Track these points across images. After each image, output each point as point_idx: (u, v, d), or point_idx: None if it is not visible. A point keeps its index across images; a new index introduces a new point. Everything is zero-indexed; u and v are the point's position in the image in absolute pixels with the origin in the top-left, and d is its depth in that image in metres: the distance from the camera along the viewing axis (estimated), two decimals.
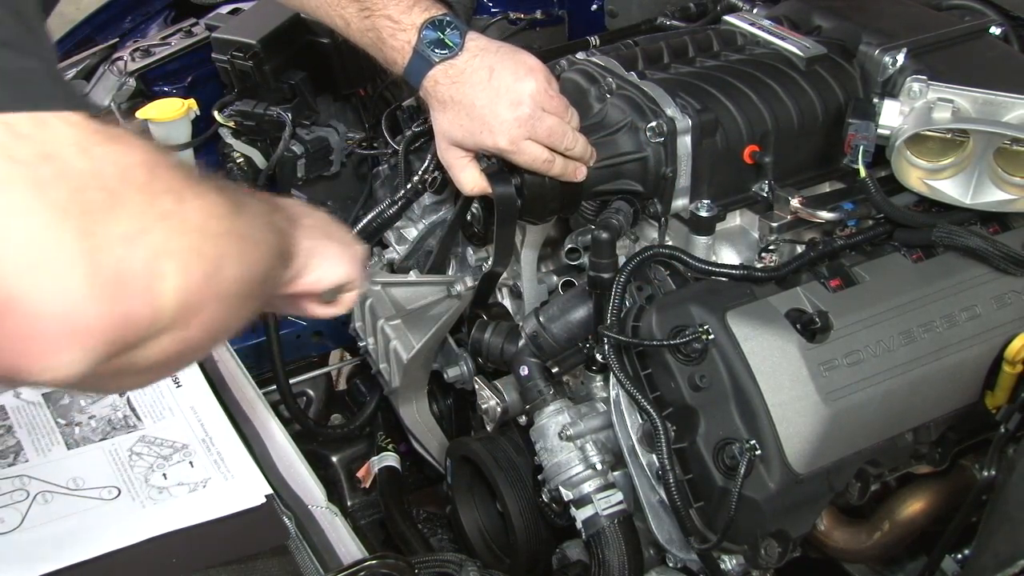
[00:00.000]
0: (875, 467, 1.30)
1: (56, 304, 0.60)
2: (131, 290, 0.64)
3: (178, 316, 0.69)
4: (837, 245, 1.32)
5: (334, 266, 1.04)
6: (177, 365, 0.77)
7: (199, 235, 0.71)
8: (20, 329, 0.60)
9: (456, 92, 1.29)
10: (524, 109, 1.27)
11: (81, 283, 0.61)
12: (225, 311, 0.75)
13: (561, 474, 1.40)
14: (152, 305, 0.66)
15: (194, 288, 0.70)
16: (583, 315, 1.43)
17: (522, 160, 1.29)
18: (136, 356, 0.69)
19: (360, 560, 1.08)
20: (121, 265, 0.63)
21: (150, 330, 0.68)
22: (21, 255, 0.59)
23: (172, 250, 0.68)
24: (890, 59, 1.45)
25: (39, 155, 0.61)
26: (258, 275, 0.81)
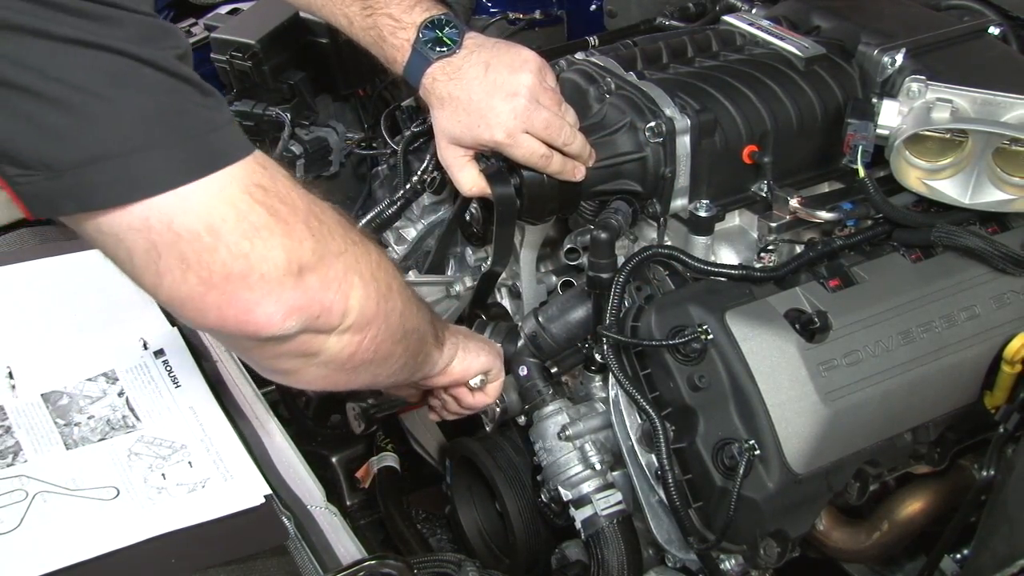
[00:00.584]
0: (874, 467, 1.30)
1: (289, 288, 0.91)
2: (332, 288, 0.95)
3: (356, 320, 0.99)
4: (836, 245, 1.32)
5: (479, 357, 1.32)
6: (345, 372, 1.05)
7: (376, 266, 1.01)
8: (261, 298, 0.89)
9: (453, 88, 1.30)
10: (520, 101, 1.28)
11: (308, 279, 0.92)
12: (390, 338, 1.06)
13: (560, 474, 1.40)
14: (341, 303, 0.96)
15: (370, 303, 1.00)
16: (582, 315, 1.43)
17: (519, 154, 1.29)
18: (322, 343, 0.98)
19: (359, 560, 1.08)
20: (330, 271, 0.94)
21: (339, 322, 0.97)
22: (280, 260, 0.89)
23: (360, 270, 0.98)
24: (889, 59, 1.45)
25: (277, 197, 0.90)
26: (413, 327, 1.12)
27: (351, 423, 1.65)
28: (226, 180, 0.86)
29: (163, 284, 0.87)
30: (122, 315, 1.43)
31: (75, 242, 1.63)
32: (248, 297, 0.88)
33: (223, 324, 0.90)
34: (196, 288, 0.87)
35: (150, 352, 1.38)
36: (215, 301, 0.88)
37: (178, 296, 0.88)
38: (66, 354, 1.36)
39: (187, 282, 0.87)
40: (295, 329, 0.93)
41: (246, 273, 0.88)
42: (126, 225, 0.85)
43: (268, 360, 1.02)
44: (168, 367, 1.35)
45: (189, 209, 0.84)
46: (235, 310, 0.89)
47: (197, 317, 0.91)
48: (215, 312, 0.89)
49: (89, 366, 1.35)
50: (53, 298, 1.47)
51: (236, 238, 0.87)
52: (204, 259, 0.86)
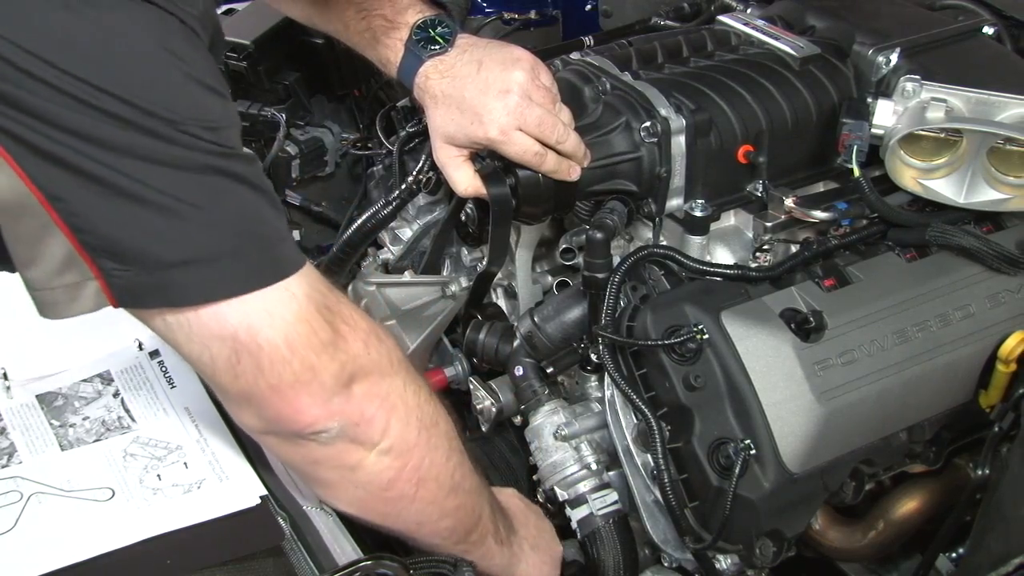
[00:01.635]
0: (869, 466, 1.30)
1: (337, 393, 1.01)
2: (374, 403, 1.04)
3: (395, 443, 1.06)
4: (831, 245, 1.32)
5: (540, 569, 1.32)
6: (384, 502, 1.11)
7: (425, 400, 1.10)
8: (314, 402, 0.99)
9: (446, 87, 1.30)
10: (513, 98, 1.28)
11: (354, 388, 1.02)
12: (435, 481, 1.12)
13: (556, 474, 1.40)
14: (382, 420, 1.04)
15: (410, 430, 1.07)
16: (578, 315, 1.43)
17: (513, 151, 1.29)
18: (361, 458, 1.05)
19: (355, 560, 1.08)
20: (375, 387, 1.04)
21: (375, 438, 1.04)
22: (335, 371, 1.00)
23: (405, 396, 1.07)
24: (884, 59, 1.46)
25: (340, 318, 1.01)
26: (470, 491, 1.18)
27: None
28: (303, 300, 0.97)
29: (237, 383, 0.98)
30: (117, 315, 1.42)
31: None
32: (304, 401, 0.99)
33: (276, 420, 1.01)
34: (264, 391, 0.98)
35: (145, 353, 1.37)
36: (277, 403, 0.99)
37: (246, 395, 1.00)
38: (61, 355, 1.36)
39: (258, 385, 0.98)
40: (335, 430, 1.02)
41: (309, 383, 0.98)
42: (216, 335, 0.95)
43: (310, 466, 1.08)
44: (163, 368, 1.35)
45: (275, 324, 0.96)
46: (290, 410, 0.99)
47: (255, 413, 1.02)
48: (272, 411, 1.00)
49: (84, 367, 1.35)
50: None
51: (307, 353, 0.97)
52: (277, 368, 0.97)
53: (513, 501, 1.36)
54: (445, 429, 1.14)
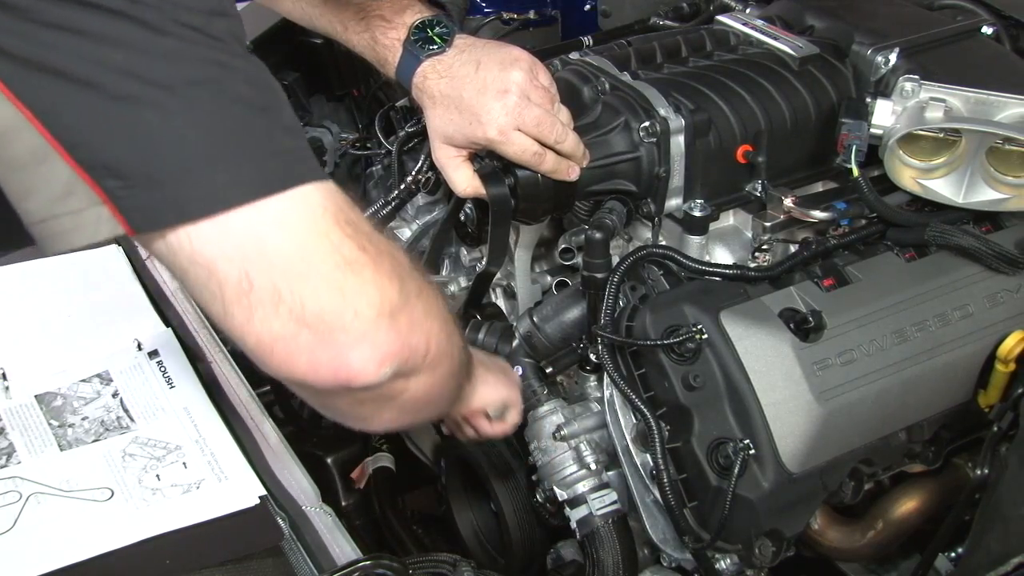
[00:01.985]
0: (869, 466, 1.30)
1: (384, 330, 0.88)
2: (417, 330, 0.92)
3: (434, 358, 0.96)
4: (830, 244, 1.32)
5: (496, 388, 1.32)
6: (414, 413, 1.04)
7: (441, 303, 0.99)
8: (356, 340, 0.86)
9: (445, 87, 1.30)
10: (511, 98, 1.28)
11: (400, 321, 0.89)
12: (452, 373, 1.05)
13: (555, 474, 1.40)
14: (424, 344, 0.93)
15: (443, 340, 0.98)
16: (577, 315, 1.43)
17: (512, 151, 1.29)
18: (404, 386, 0.95)
19: (354, 560, 1.08)
20: (415, 312, 0.91)
21: (421, 363, 0.94)
22: (374, 299, 0.86)
23: (434, 309, 0.96)
24: (883, 59, 1.46)
25: (365, 236, 0.88)
26: (465, 360, 1.11)
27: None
28: (319, 210, 0.85)
29: (254, 319, 0.84)
30: (116, 316, 1.42)
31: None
32: (343, 339, 0.85)
33: (316, 371, 0.87)
34: (288, 325, 0.84)
35: (144, 353, 1.37)
36: (308, 342, 0.84)
37: (268, 335, 0.85)
38: (60, 355, 1.36)
39: (279, 316, 0.83)
40: (389, 375, 0.90)
41: (340, 310, 0.85)
42: (220, 253, 0.83)
43: (350, 406, 0.98)
44: (162, 368, 1.35)
45: (285, 234, 0.83)
46: (329, 353, 0.85)
47: (287, 361, 0.86)
48: (307, 355, 0.85)
49: (83, 367, 1.34)
50: (47, 299, 1.46)
51: (329, 269, 0.84)
52: (296, 289, 0.83)
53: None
54: (454, 320, 1.04)
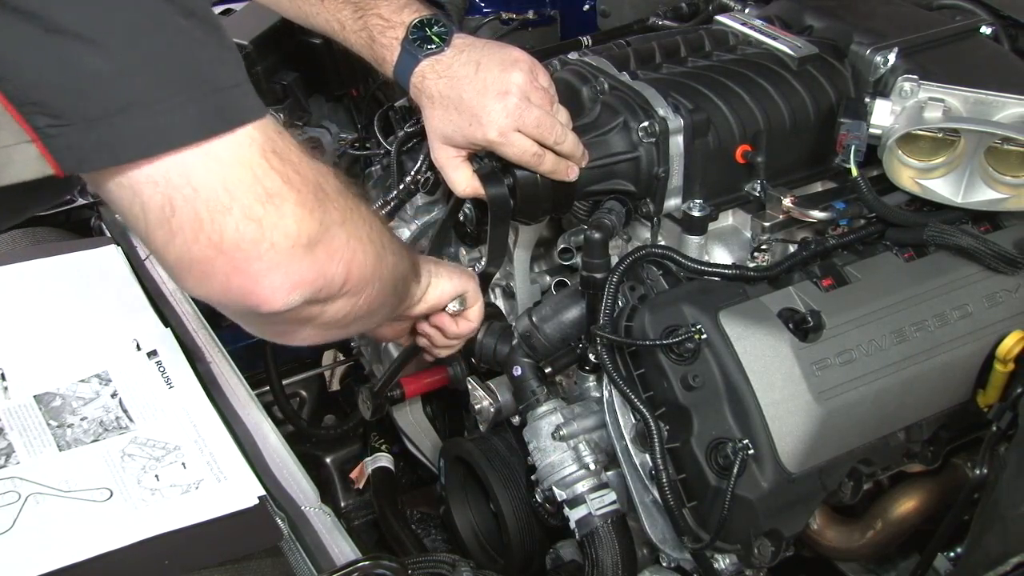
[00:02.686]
0: (868, 466, 1.30)
1: (298, 260, 0.90)
2: (336, 259, 0.94)
3: (355, 285, 0.98)
4: (829, 244, 1.32)
5: (450, 279, 1.32)
6: (340, 328, 1.06)
7: (371, 228, 1.01)
8: (269, 269, 0.88)
9: (444, 87, 1.30)
10: (512, 99, 1.28)
11: (317, 251, 0.91)
12: (381, 293, 1.06)
13: (554, 474, 1.40)
14: (343, 272, 0.95)
15: (368, 266, 0.99)
16: (576, 315, 1.43)
17: (512, 153, 1.29)
18: (320, 311, 0.98)
19: (353, 561, 1.08)
20: (334, 242, 0.93)
21: (338, 291, 0.97)
22: (291, 230, 0.88)
23: (360, 235, 0.97)
24: (881, 59, 1.46)
25: (291, 166, 0.89)
26: (400, 273, 1.13)
27: (360, 409, 1.65)
28: (246, 141, 0.86)
29: (174, 243, 0.86)
30: (115, 316, 1.42)
31: (68, 243, 1.63)
32: (257, 267, 0.88)
33: (227, 293, 0.90)
34: (206, 251, 0.86)
35: (143, 353, 1.37)
36: (223, 267, 0.87)
37: (187, 258, 0.87)
38: (59, 355, 1.36)
39: (198, 242, 0.86)
40: (298, 302, 0.92)
41: (257, 240, 0.87)
42: (146, 178, 0.83)
43: (263, 326, 1.01)
44: (161, 368, 1.35)
45: (210, 165, 0.84)
46: (242, 279, 0.88)
47: (202, 282, 0.89)
48: (221, 279, 0.88)
49: (82, 367, 1.34)
50: (46, 299, 1.46)
51: (250, 201, 0.86)
52: (217, 220, 0.85)
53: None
54: (388, 242, 1.06)
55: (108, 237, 1.64)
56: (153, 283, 1.51)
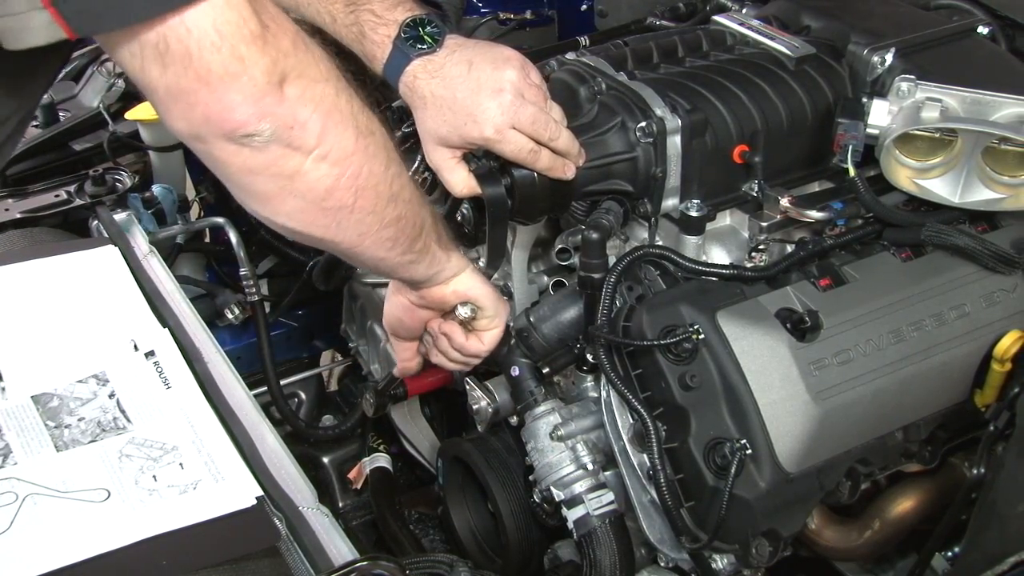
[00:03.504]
0: (865, 466, 1.30)
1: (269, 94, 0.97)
2: (308, 106, 1.00)
3: (332, 151, 1.04)
4: (827, 244, 1.32)
5: (483, 285, 1.35)
6: (324, 212, 1.08)
7: (359, 109, 1.06)
8: (244, 99, 0.95)
9: (436, 87, 1.30)
10: (506, 96, 1.28)
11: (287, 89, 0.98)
12: (374, 190, 1.10)
13: (552, 474, 1.40)
14: (316, 124, 1.01)
15: (347, 138, 1.04)
16: (574, 315, 1.43)
17: (508, 150, 1.29)
18: (298, 165, 1.02)
19: (351, 561, 1.08)
20: (308, 90, 0.99)
21: (310, 143, 1.01)
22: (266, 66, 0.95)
23: (339, 103, 1.03)
24: (879, 59, 1.46)
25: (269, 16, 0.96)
26: (409, 201, 1.17)
27: (363, 405, 1.65)
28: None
29: (165, 75, 0.94)
30: (112, 316, 1.42)
31: (65, 244, 1.63)
32: (234, 98, 0.96)
33: (207, 122, 0.97)
34: (193, 84, 0.94)
35: (141, 353, 1.37)
36: (205, 98, 0.95)
37: (175, 89, 0.95)
38: (56, 356, 1.35)
39: (187, 76, 0.94)
40: (267, 132, 0.98)
41: (238, 73, 0.95)
42: (147, 26, 0.92)
43: (246, 176, 1.04)
44: (159, 368, 1.35)
45: (205, 10, 0.92)
46: (220, 107, 0.96)
47: (186, 112, 0.97)
48: (202, 108, 0.96)
49: (79, 368, 1.34)
50: (43, 300, 1.46)
51: (236, 42, 0.94)
52: (206, 57, 0.93)
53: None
54: (382, 139, 1.12)
55: (106, 238, 1.64)
56: (151, 283, 1.51)
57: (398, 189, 1.15)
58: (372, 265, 1.23)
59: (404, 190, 1.16)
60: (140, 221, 1.75)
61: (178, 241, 2.02)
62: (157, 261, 1.60)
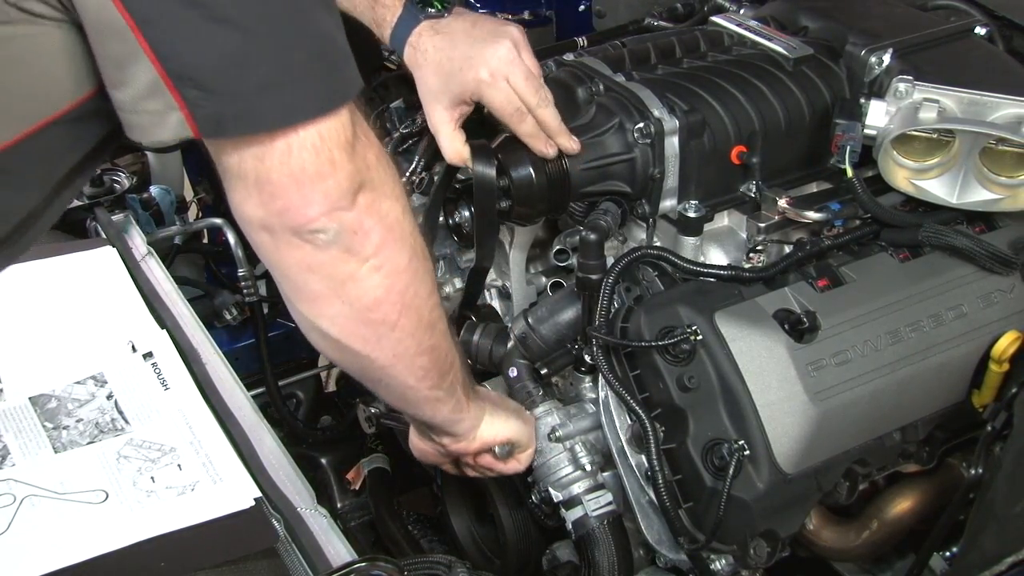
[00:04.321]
0: (863, 466, 1.30)
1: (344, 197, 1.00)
2: (374, 216, 1.03)
3: (387, 262, 1.06)
4: (824, 245, 1.32)
5: (506, 422, 1.35)
6: (366, 325, 1.10)
7: (415, 232, 1.09)
8: (322, 197, 0.99)
9: (440, 41, 1.35)
10: (504, 46, 1.32)
11: (359, 198, 1.01)
12: (416, 314, 1.12)
13: (550, 475, 1.40)
14: (378, 235, 1.04)
15: (403, 254, 1.07)
16: (572, 316, 1.43)
17: (497, 99, 1.32)
18: (354, 270, 1.05)
19: (350, 562, 1.08)
20: (377, 203, 1.03)
21: (366, 247, 1.04)
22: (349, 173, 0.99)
23: (403, 222, 1.07)
24: (876, 59, 1.46)
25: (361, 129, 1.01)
26: (445, 334, 1.19)
27: (360, 421, 1.65)
28: (348, 106, 0.99)
29: (261, 166, 0.98)
30: (111, 318, 1.42)
31: (64, 245, 1.63)
32: (315, 196, 0.99)
33: (282, 212, 1.00)
34: (284, 178, 0.98)
35: (139, 355, 1.37)
36: (291, 193, 0.99)
37: (264, 179, 0.98)
38: (54, 357, 1.35)
39: (280, 171, 0.98)
40: (332, 233, 1.01)
41: (326, 176, 0.99)
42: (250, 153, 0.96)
43: (302, 273, 1.06)
44: (157, 370, 1.35)
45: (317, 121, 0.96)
46: (300, 202, 0.99)
47: (265, 201, 1.00)
48: (283, 201, 0.99)
49: (77, 369, 1.34)
50: (42, 301, 1.46)
51: (333, 147, 0.98)
52: (304, 157, 0.97)
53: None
54: (431, 267, 1.16)
55: (104, 239, 1.64)
56: (149, 285, 1.51)
57: (436, 319, 1.17)
58: (399, 393, 1.23)
59: (441, 322, 1.19)
60: (138, 222, 1.75)
61: (176, 242, 2.02)
62: (155, 262, 1.60)
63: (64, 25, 0.93)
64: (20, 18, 0.91)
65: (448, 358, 1.22)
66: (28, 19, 0.91)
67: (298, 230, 1.01)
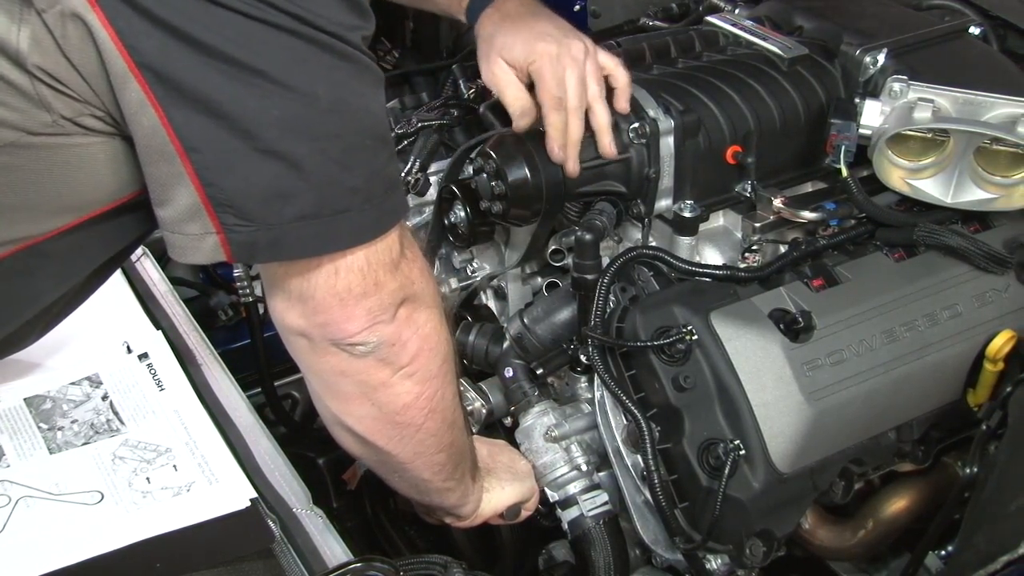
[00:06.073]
0: (859, 466, 1.31)
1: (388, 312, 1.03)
2: (413, 328, 1.07)
3: (420, 370, 1.09)
4: (820, 245, 1.32)
5: (504, 490, 1.37)
6: (392, 426, 1.13)
7: (447, 342, 1.13)
8: (365, 312, 1.01)
9: (524, 10, 1.36)
10: (579, 45, 1.32)
11: (400, 312, 1.04)
12: (442, 414, 1.15)
13: (546, 475, 1.40)
14: (415, 346, 1.07)
15: (435, 362, 1.11)
16: (567, 316, 1.43)
17: (549, 78, 1.30)
18: (386, 377, 1.08)
19: (346, 562, 1.08)
20: (417, 315, 1.06)
21: (404, 361, 1.07)
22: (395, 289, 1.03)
23: (439, 331, 1.11)
24: (871, 59, 1.46)
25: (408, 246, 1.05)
26: (462, 431, 1.24)
27: None
28: (394, 232, 1.01)
29: (305, 284, 1.00)
30: (106, 319, 1.42)
31: None
32: (357, 313, 1.02)
33: (324, 326, 1.02)
34: (328, 297, 1.00)
35: (134, 355, 1.37)
36: (334, 309, 1.01)
37: (308, 295, 1.00)
38: (49, 358, 1.35)
39: (323, 289, 1.00)
40: (372, 345, 1.04)
41: (370, 295, 1.01)
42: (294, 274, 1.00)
43: (335, 376, 1.08)
44: (152, 370, 1.35)
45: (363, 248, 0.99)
46: (342, 318, 1.02)
47: (307, 313, 1.02)
48: (325, 316, 1.01)
49: (72, 370, 1.34)
50: None
51: (379, 269, 1.01)
52: (351, 279, 0.99)
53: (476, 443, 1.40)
54: (456, 367, 1.20)
55: None
56: (144, 286, 1.51)
57: (456, 416, 1.21)
58: (411, 483, 1.26)
59: (459, 418, 1.22)
60: None
61: None
62: (150, 262, 1.60)
63: (116, 139, 0.96)
64: (76, 131, 0.94)
65: (463, 450, 1.26)
66: (83, 132, 0.94)
67: (338, 342, 1.04)
